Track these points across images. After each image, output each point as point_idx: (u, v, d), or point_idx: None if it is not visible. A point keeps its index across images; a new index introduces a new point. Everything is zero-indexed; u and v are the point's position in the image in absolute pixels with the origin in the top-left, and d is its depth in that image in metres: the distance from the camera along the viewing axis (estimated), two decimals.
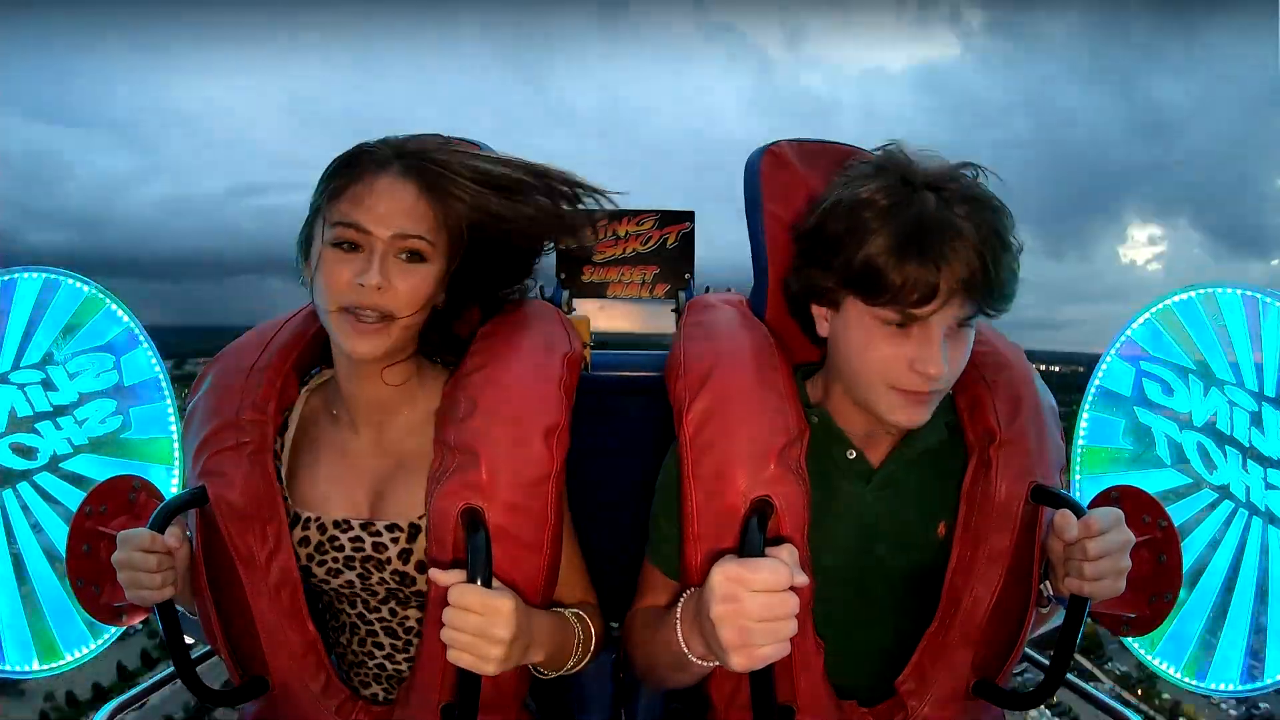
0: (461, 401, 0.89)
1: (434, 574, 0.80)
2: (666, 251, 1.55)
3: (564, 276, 1.54)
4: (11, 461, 1.25)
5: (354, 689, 0.98)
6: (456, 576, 0.78)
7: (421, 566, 0.91)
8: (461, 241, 0.89)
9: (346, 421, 0.96)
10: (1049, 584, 0.88)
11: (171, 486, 1.25)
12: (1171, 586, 0.91)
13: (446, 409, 0.91)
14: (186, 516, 0.91)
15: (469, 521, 0.82)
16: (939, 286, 0.79)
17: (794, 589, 0.71)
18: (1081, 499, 0.86)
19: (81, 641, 1.24)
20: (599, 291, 1.57)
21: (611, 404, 1.29)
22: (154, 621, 0.89)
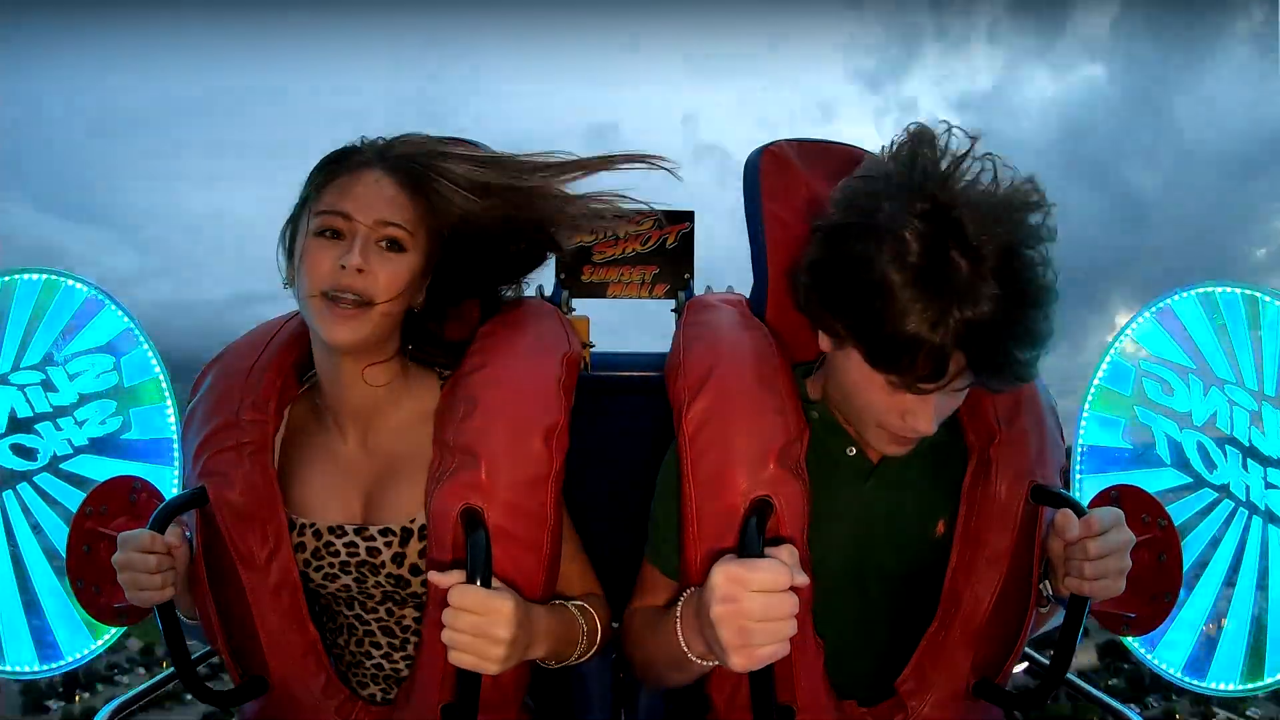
0: (461, 401, 0.89)
1: (433, 575, 0.80)
2: (666, 251, 1.55)
3: (563, 276, 1.54)
4: (12, 462, 1.25)
5: (352, 689, 0.98)
6: (456, 577, 0.78)
7: (415, 569, 0.91)
8: (441, 239, 0.91)
9: (333, 426, 0.96)
10: (1049, 584, 0.88)
11: (171, 487, 1.25)
12: (1171, 586, 0.91)
13: (446, 409, 0.91)
14: (187, 517, 0.91)
15: (468, 521, 0.82)
16: (948, 369, 0.76)
17: (794, 589, 0.71)
18: (1081, 499, 0.86)
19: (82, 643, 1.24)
20: (599, 291, 1.57)
21: (611, 404, 1.29)
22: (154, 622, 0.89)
